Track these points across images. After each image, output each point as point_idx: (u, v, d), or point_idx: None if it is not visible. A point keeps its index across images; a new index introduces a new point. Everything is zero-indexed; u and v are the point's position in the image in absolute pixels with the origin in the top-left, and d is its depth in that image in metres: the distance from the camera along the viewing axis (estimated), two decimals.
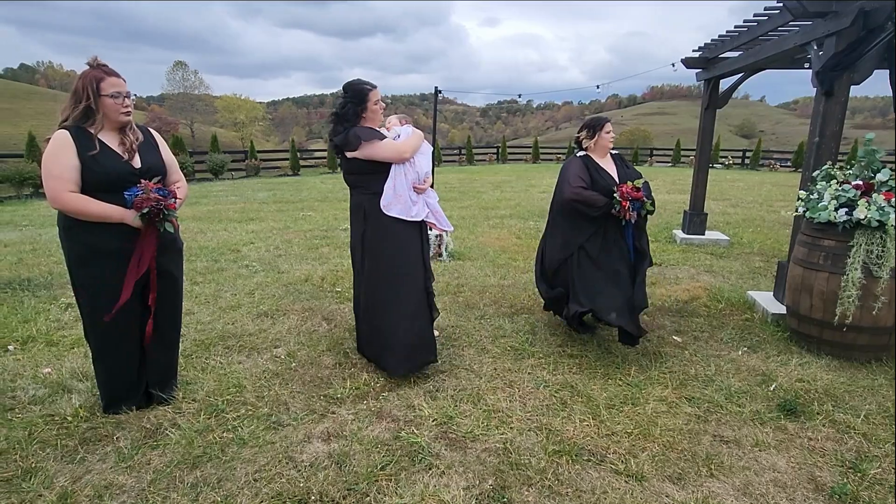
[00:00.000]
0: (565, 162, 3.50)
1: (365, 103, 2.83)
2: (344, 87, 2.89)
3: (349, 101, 2.83)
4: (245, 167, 17.47)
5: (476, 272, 5.21)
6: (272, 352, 3.29)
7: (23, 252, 5.81)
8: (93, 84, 2.22)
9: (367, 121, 2.87)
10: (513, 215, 8.76)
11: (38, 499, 1.95)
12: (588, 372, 3.07)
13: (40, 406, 2.60)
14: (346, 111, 2.83)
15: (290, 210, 9.32)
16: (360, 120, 2.85)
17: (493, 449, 2.32)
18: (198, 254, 5.75)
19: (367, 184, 2.90)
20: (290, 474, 2.11)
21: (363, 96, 2.83)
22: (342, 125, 2.84)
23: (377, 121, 2.93)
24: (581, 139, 3.41)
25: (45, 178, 2.20)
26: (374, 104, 2.85)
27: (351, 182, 3.00)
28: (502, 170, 19.96)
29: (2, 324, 3.63)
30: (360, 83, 2.86)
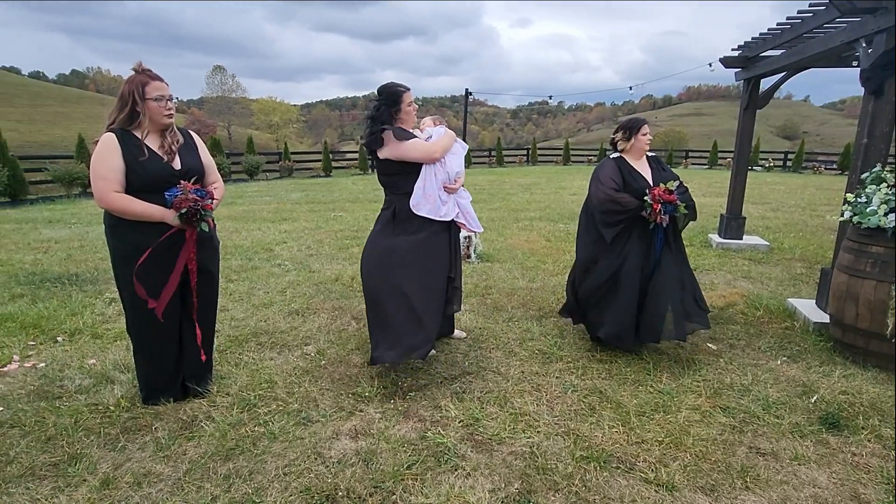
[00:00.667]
0: (598, 164, 3.46)
1: (399, 105, 2.87)
2: (378, 90, 2.94)
3: (383, 103, 2.88)
4: (279, 168, 17.89)
5: (504, 274, 5.19)
6: (303, 349, 3.35)
7: (71, 249, 6.11)
8: (138, 88, 2.32)
9: (401, 122, 2.91)
10: (542, 217, 8.69)
11: (82, 483, 2.05)
12: (618, 378, 3.01)
13: (85, 395, 2.72)
14: (380, 113, 2.88)
15: (321, 210, 9.49)
16: (394, 122, 2.89)
17: (519, 452, 2.30)
18: (233, 252, 5.92)
19: (399, 184, 2.94)
20: (318, 470, 2.15)
21: (397, 98, 2.87)
22: (376, 126, 2.89)
23: (411, 122, 2.97)
24: (616, 141, 3.35)
25: (92, 179, 2.31)
26: (407, 106, 2.90)
27: (384, 183, 3.05)
28: (532, 172, 19.81)
29: (52, 316, 3.82)
30: (393, 85, 2.91)
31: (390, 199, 3.01)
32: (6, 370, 3.00)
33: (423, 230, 2.91)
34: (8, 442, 2.31)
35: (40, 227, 7.64)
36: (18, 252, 5.93)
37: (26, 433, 2.37)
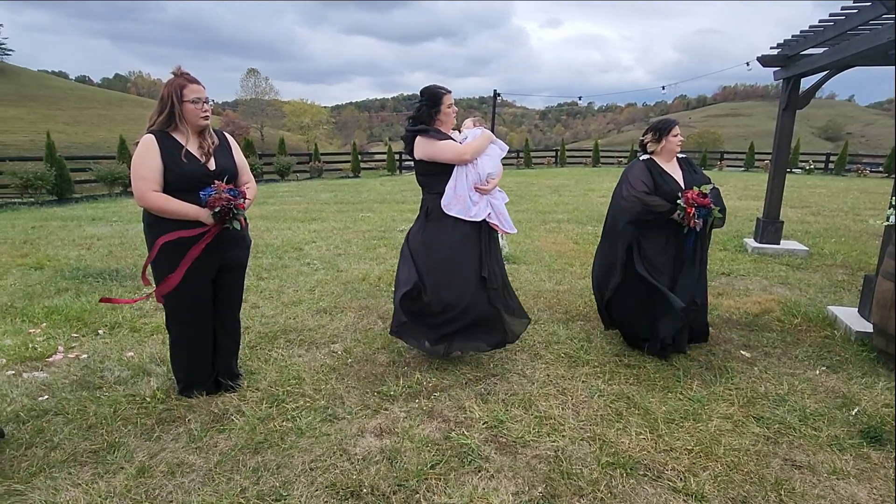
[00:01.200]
0: (627, 165, 3.40)
1: (438, 106, 2.97)
2: (420, 91, 3.05)
3: (424, 103, 2.99)
4: (309, 169, 18.21)
5: (531, 276, 5.16)
6: (330, 347, 3.41)
7: (112, 245, 6.37)
8: (177, 91, 2.41)
9: (440, 123, 3.00)
10: (570, 220, 8.59)
11: (120, 471, 2.14)
12: (646, 384, 2.95)
13: (124, 386, 2.84)
14: (420, 113, 3.00)
15: (350, 211, 9.62)
16: (434, 122, 2.99)
17: (543, 456, 2.28)
18: (264, 251, 6.06)
19: (432, 184, 3.04)
20: (343, 466, 2.18)
21: (437, 99, 2.97)
22: (414, 127, 3.01)
23: (450, 123, 3.06)
24: (646, 142, 3.29)
25: (132, 178, 2.40)
26: (447, 107, 2.99)
27: (421, 182, 3.14)
28: (561, 173, 19.61)
29: (94, 310, 3.99)
30: (435, 87, 3.02)
31: (425, 198, 3.11)
32: (52, 360, 3.15)
33: (454, 230, 2.96)
34: (52, 428, 2.42)
35: (84, 224, 7.98)
36: (64, 248, 6.22)
37: (69, 420, 2.49)
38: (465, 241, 2.99)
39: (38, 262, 5.43)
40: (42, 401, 2.67)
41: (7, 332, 3.55)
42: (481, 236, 3.05)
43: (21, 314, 3.90)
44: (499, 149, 3.18)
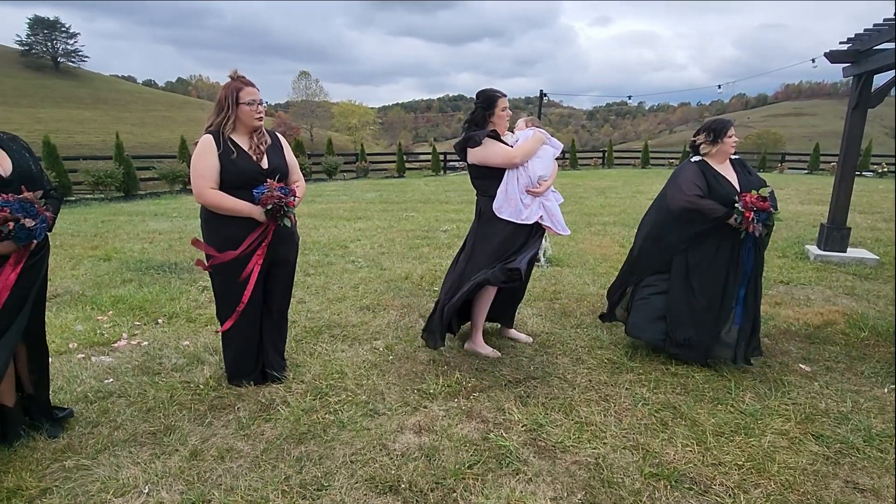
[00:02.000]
0: (678, 167, 3.28)
1: (493, 108, 3.04)
2: (476, 94, 3.13)
3: (479, 105, 3.07)
4: (355, 169, 18.62)
5: (574, 279, 5.06)
6: (372, 343, 3.47)
7: (172, 240, 6.74)
8: (233, 94, 2.52)
9: (494, 126, 3.06)
10: (617, 222, 8.37)
11: (174, 453, 2.26)
12: (694, 394, 2.84)
13: (180, 373, 3.00)
14: (475, 115, 3.08)
15: (394, 210, 9.76)
16: (488, 124, 3.05)
17: (583, 462, 2.24)
18: (311, 248, 6.25)
19: (485, 187, 3.10)
20: (382, 461, 2.22)
21: (492, 102, 3.04)
22: (472, 129, 3.07)
23: (503, 126, 3.11)
24: (698, 143, 3.16)
25: (192, 176, 2.53)
26: (501, 110, 3.05)
27: (475, 185, 3.20)
28: (608, 175, 19.13)
29: (154, 300, 4.24)
30: (491, 90, 3.09)
31: (478, 200, 3.18)
32: (116, 346, 3.38)
33: (506, 233, 2.99)
34: (116, 409, 2.59)
35: (147, 219, 8.49)
36: (129, 241, 6.64)
37: (131, 403, 2.66)
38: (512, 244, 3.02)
39: (107, 254, 5.83)
40: (107, 383, 2.87)
41: (79, 319, 3.83)
42: (529, 239, 3.05)
43: (91, 302, 4.20)
44: (552, 149, 3.16)
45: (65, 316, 3.88)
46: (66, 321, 3.77)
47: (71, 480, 2.07)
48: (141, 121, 50.21)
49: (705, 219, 2.97)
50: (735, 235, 2.98)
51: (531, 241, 3.09)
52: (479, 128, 3.06)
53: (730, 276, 3.04)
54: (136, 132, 43.15)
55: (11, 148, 2.15)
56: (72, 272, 5.11)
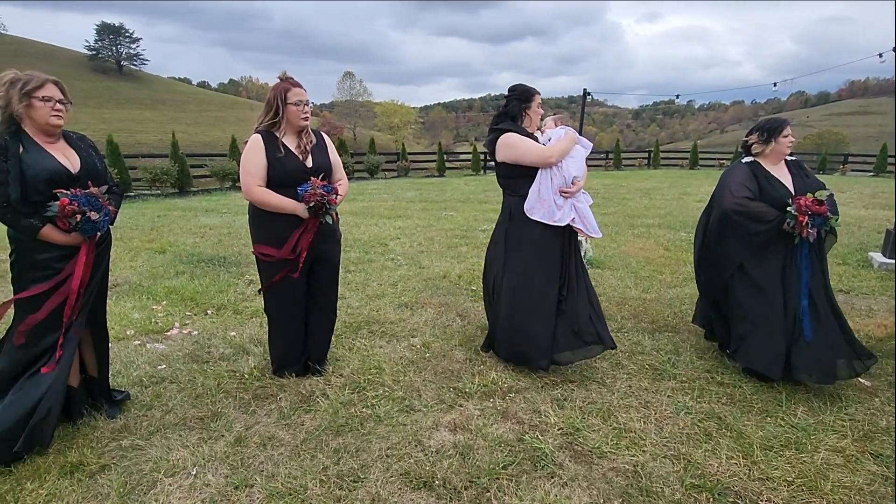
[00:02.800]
0: (727, 168, 3.15)
1: (529, 103, 2.99)
2: (510, 88, 3.06)
3: (515, 97, 3.00)
4: (396, 168, 18.84)
5: (616, 282, 4.95)
6: (409, 340, 3.51)
7: (221, 235, 7.03)
8: (282, 94, 2.61)
9: (527, 120, 3.00)
10: (662, 225, 8.11)
11: (220, 438, 2.37)
12: (741, 405, 2.72)
13: (226, 362, 3.13)
14: (509, 108, 3.01)
15: (433, 209, 9.82)
16: (522, 119, 2.99)
17: (621, 469, 2.19)
18: (352, 245, 6.38)
19: (515, 187, 3.00)
20: (417, 456, 2.25)
21: (529, 96, 2.99)
22: (502, 122, 3.01)
23: (535, 123, 3.04)
24: (750, 143, 3.02)
25: (241, 174, 2.64)
26: (536, 106, 3.01)
27: (502, 185, 3.12)
28: (653, 176, 18.57)
29: (204, 292, 4.44)
30: (527, 85, 3.04)
31: (507, 200, 3.08)
32: (169, 334, 3.56)
33: (538, 234, 2.91)
34: (168, 394, 2.74)
35: (199, 215, 8.90)
36: (182, 236, 6.98)
37: (181, 389, 2.80)
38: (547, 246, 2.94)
39: (162, 248, 6.15)
40: (160, 369, 3.03)
41: (136, 307, 4.07)
42: (564, 240, 2.98)
43: (146, 292, 4.44)
44: (583, 148, 3.08)
45: (123, 304, 4.13)
46: (125, 309, 4.00)
47: (126, 459, 2.21)
48: (195, 121, 52.59)
49: (755, 223, 2.83)
50: (789, 243, 2.83)
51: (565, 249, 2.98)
52: (512, 121, 2.98)
53: (786, 285, 2.88)
54: (191, 131, 45.22)
55: (80, 147, 2.31)
56: (130, 263, 5.42)
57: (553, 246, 2.95)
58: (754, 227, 2.84)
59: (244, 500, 1.99)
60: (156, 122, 47.23)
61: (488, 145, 3.03)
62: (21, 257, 2.20)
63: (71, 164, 2.22)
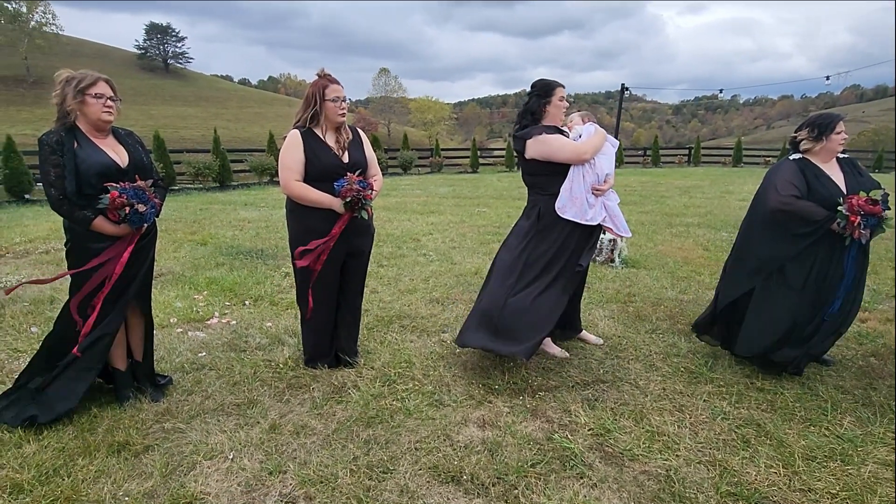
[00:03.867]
0: (774, 165, 3.02)
1: (550, 97, 2.89)
2: (532, 84, 3.00)
3: (535, 94, 2.93)
4: (430, 164, 18.91)
5: (651, 282, 4.83)
6: (440, 335, 3.53)
7: (259, 228, 7.23)
8: (320, 91, 2.66)
9: (549, 116, 2.91)
10: (701, 224, 7.86)
11: (256, 424, 2.44)
12: (783, 412, 2.62)
13: (262, 352, 3.23)
14: (530, 105, 2.93)
15: (466, 205, 9.82)
16: (544, 114, 2.91)
17: (653, 473, 2.15)
18: (385, 240, 6.45)
19: (544, 185, 2.93)
20: (446, 451, 2.26)
21: (549, 90, 2.89)
22: (525, 119, 2.94)
23: (559, 117, 2.95)
24: (799, 139, 2.88)
25: (279, 169, 2.71)
26: (558, 100, 2.90)
27: (528, 182, 3.06)
28: (693, 173, 17.99)
29: (242, 283, 4.59)
30: (548, 79, 2.96)
31: (535, 199, 3.01)
32: (209, 323, 3.70)
33: (568, 233, 2.87)
34: (207, 381, 2.85)
35: (238, 208, 9.18)
36: (222, 228, 7.22)
37: (220, 376, 2.90)
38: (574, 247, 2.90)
39: (203, 240, 6.38)
40: (200, 357, 3.15)
41: (178, 296, 4.24)
42: (592, 241, 2.94)
43: (189, 282, 4.62)
44: (611, 145, 3.02)
45: (167, 293, 4.31)
46: (168, 298, 4.17)
47: (169, 441, 2.31)
48: (236, 117, 54.17)
49: (802, 223, 2.70)
50: (834, 244, 2.69)
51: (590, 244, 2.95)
52: (534, 117, 2.91)
53: (823, 288, 2.76)
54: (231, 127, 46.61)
55: (128, 142, 2.43)
56: (174, 254, 5.65)
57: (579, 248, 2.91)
58: (801, 228, 2.71)
59: (278, 486, 2.05)
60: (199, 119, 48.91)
61: (517, 144, 2.96)
62: (75, 246, 2.32)
63: (120, 159, 2.33)
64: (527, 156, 2.90)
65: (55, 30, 50.66)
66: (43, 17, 49.67)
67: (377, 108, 61.36)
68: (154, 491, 2.01)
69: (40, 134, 2.24)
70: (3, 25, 48.72)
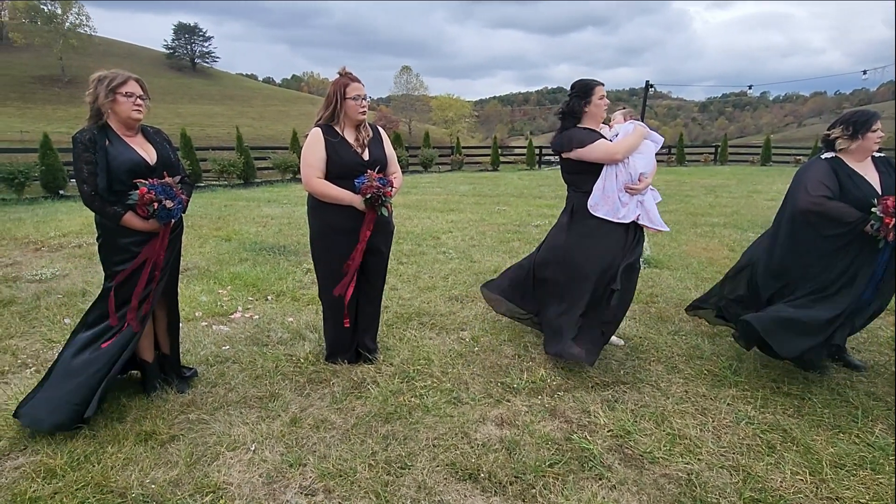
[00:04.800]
0: (804, 164, 2.93)
1: (589, 97, 2.89)
2: (572, 85, 3.00)
3: (575, 94, 2.93)
4: (450, 162, 18.91)
5: (674, 283, 4.75)
6: (459, 333, 3.54)
7: (282, 224, 7.34)
8: (341, 89, 2.69)
9: (590, 115, 2.92)
10: (727, 224, 7.68)
11: (277, 417, 2.49)
12: (810, 418, 2.55)
13: (284, 346, 3.28)
14: (570, 106, 2.94)
15: (486, 204, 9.79)
16: (583, 115, 2.92)
17: (674, 476, 2.11)
18: (405, 237, 6.48)
19: (579, 183, 2.97)
20: (463, 448, 2.27)
21: (589, 90, 2.90)
22: (567, 121, 2.96)
23: (599, 116, 2.96)
24: (832, 137, 2.78)
25: (301, 166, 2.75)
26: (598, 99, 2.90)
27: (567, 180, 3.10)
28: (720, 172, 17.60)
29: (265, 279, 4.66)
30: (587, 79, 2.95)
31: (570, 196, 3.06)
32: (233, 317, 3.77)
33: (600, 231, 2.87)
34: (230, 374, 2.91)
35: (262, 205, 9.33)
36: (246, 225, 7.35)
37: (243, 369, 2.96)
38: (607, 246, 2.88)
39: (228, 235, 6.50)
40: (224, 350, 3.22)
41: (203, 291, 4.33)
42: (626, 239, 2.90)
43: (213, 277, 4.72)
44: (653, 143, 2.97)
45: (193, 288, 4.41)
46: (194, 292, 4.27)
47: (193, 431, 2.37)
48: (260, 115, 55.10)
49: (834, 224, 2.61)
50: (866, 246, 2.60)
51: (629, 245, 2.92)
52: (574, 118, 2.92)
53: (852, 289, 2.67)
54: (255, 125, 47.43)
55: (156, 140, 2.49)
56: (199, 249, 5.78)
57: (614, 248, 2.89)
58: (832, 230, 2.63)
59: (298, 478, 2.08)
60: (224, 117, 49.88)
61: (555, 146, 3.01)
62: (106, 241, 2.40)
63: (149, 156, 2.39)
64: (563, 154, 2.96)
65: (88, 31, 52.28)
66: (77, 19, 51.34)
67: (398, 106, 61.62)
68: (179, 479, 2.07)
69: (74, 132, 2.32)
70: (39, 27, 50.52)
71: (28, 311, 3.82)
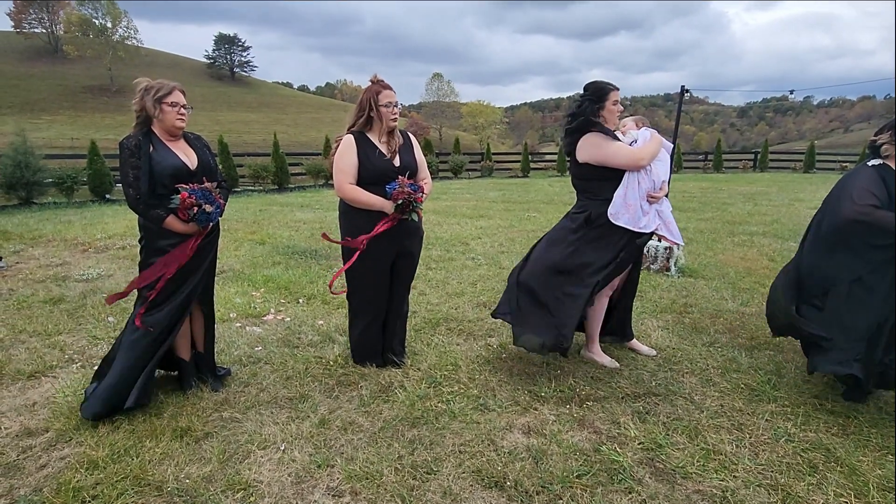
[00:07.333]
0: (849, 171, 2.80)
1: (603, 102, 2.79)
2: (585, 87, 2.90)
3: (587, 98, 2.82)
4: (480, 168, 18.93)
5: (710, 293, 4.61)
6: (486, 340, 3.52)
7: (313, 229, 7.49)
8: (373, 96, 2.74)
9: (603, 121, 2.82)
10: (767, 233, 7.42)
11: (306, 418, 2.53)
12: (856, 438, 2.42)
13: (314, 349, 3.34)
14: (582, 109, 2.83)
15: (516, 210, 9.75)
16: (596, 118, 2.81)
17: (707, 493, 2.04)
18: (434, 243, 6.51)
19: (596, 190, 2.86)
20: (489, 455, 2.25)
21: (603, 94, 2.79)
22: (579, 123, 2.84)
23: (612, 122, 2.86)
24: (880, 143, 2.65)
25: (334, 172, 2.80)
26: (612, 104, 2.80)
27: (579, 187, 2.98)
28: (759, 179, 17.02)
29: (297, 282, 4.76)
30: (601, 82, 2.84)
31: (584, 203, 2.94)
32: (266, 319, 3.87)
33: (618, 241, 2.80)
34: (262, 374, 2.98)
35: (295, 210, 9.55)
36: (279, 229, 7.53)
37: (274, 370, 3.03)
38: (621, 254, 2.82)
39: (262, 239, 6.68)
40: (257, 351, 3.30)
41: (238, 293, 4.46)
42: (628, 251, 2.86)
43: (248, 279, 4.86)
44: (666, 151, 2.91)
45: (228, 289, 4.54)
46: (229, 294, 4.40)
47: (226, 429, 2.44)
48: (294, 122, 56.43)
49: (882, 234, 2.48)
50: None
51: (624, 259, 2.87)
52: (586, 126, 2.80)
53: None
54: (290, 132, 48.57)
55: (197, 145, 2.59)
56: (234, 252, 5.95)
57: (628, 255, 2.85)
58: (879, 240, 2.50)
59: (325, 479, 2.11)
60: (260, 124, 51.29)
61: (567, 145, 2.89)
62: (148, 243, 2.50)
63: (190, 162, 2.49)
64: (579, 159, 2.83)
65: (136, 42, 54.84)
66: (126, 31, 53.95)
67: (429, 113, 62.05)
68: (212, 475, 2.13)
69: (121, 138, 2.44)
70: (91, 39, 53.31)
71: (75, 309, 4.01)
